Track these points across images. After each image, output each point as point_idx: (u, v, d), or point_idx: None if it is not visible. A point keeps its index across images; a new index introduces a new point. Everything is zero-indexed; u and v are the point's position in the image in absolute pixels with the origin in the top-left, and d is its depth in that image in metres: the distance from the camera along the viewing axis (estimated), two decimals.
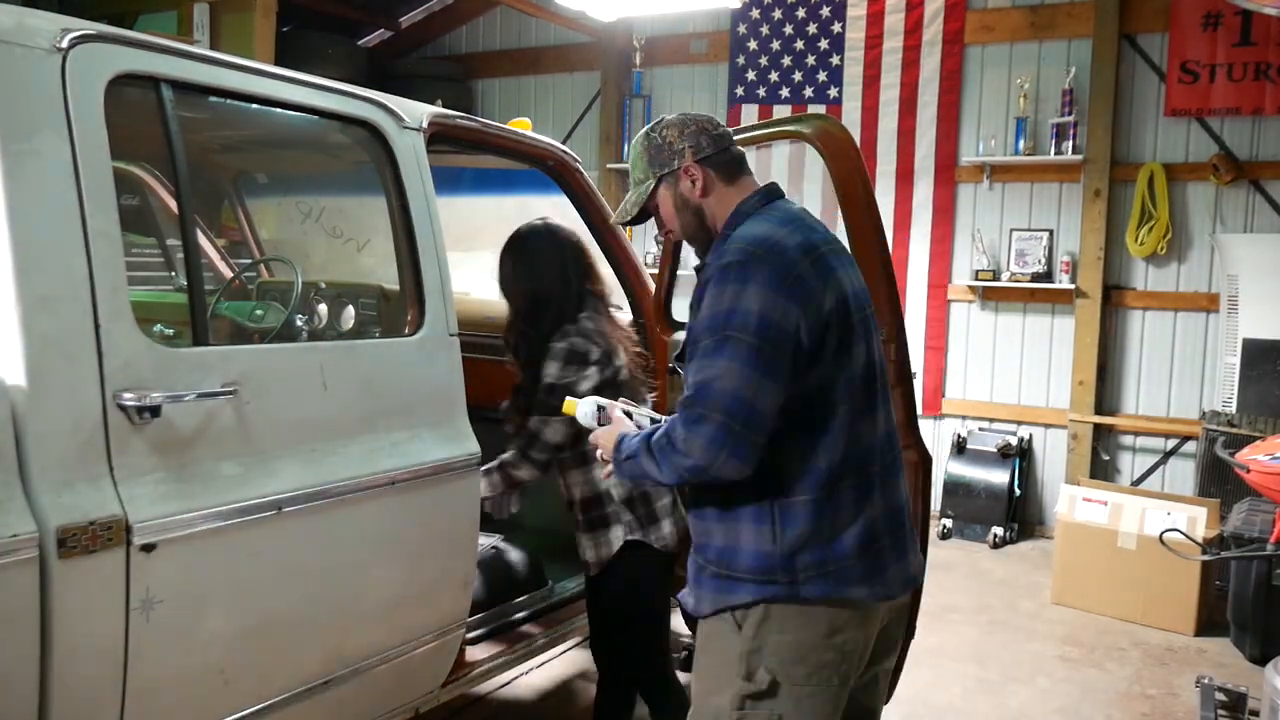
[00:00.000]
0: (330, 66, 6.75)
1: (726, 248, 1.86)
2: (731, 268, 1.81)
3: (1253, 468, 3.53)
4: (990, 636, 4.50)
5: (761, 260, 1.81)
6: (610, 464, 2.02)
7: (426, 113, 2.65)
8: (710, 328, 1.80)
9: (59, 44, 1.79)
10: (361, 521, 2.27)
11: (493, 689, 3.68)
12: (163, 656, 1.88)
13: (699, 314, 1.85)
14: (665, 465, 1.83)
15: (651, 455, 1.86)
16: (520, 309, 2.70)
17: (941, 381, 6.54)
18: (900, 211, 6.51)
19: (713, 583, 1.93)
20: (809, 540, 1.84)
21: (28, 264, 1.71)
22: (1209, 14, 5.63)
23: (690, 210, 2.00)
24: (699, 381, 1.78)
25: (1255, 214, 5.69)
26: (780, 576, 1.85)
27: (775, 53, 6.90)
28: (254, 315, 2.90)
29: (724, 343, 1.77)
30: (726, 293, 1.80)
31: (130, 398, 1.81)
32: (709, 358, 1.78)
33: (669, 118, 2.03)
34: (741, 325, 1.77)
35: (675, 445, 1.80)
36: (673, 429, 1.81)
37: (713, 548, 1.93)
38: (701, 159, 1.97)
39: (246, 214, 3.86)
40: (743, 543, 1.88)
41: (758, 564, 1.86)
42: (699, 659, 2.01)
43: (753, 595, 1.86)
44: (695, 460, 1.78)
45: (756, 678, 1.86)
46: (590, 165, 6.94)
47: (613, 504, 2.62)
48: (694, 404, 1.78)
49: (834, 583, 1.85)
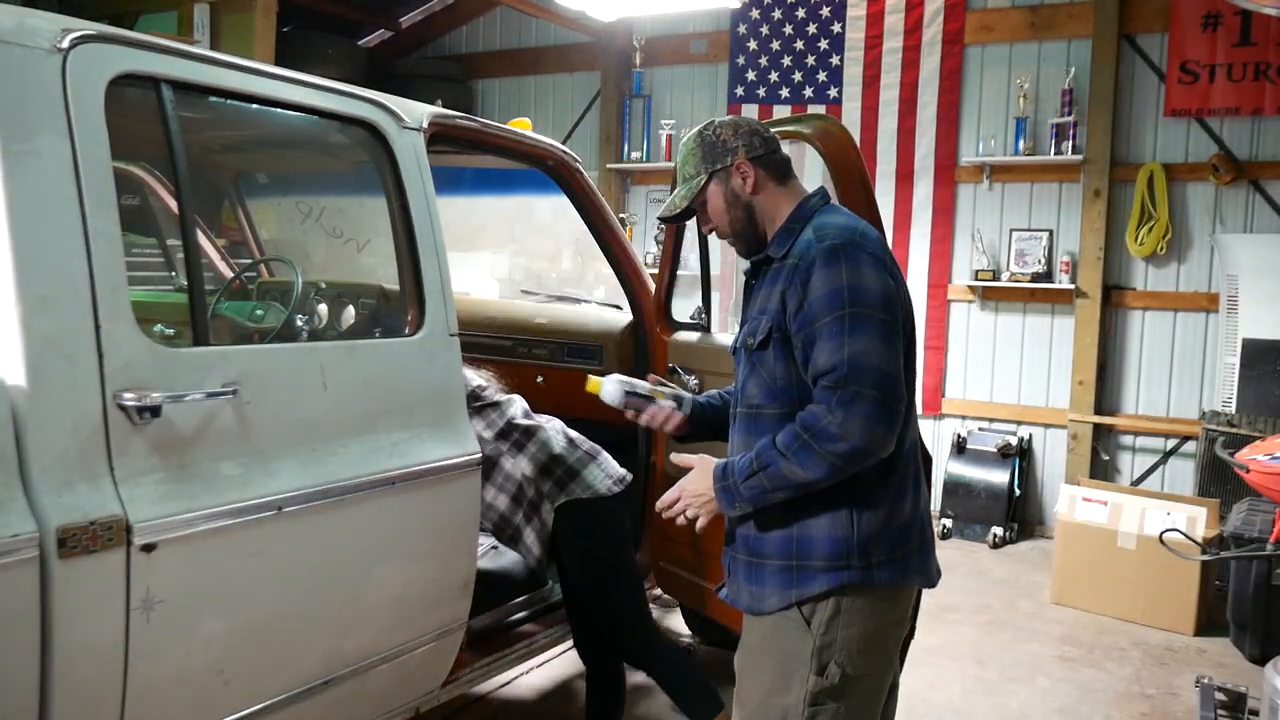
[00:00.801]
0: (330, 66, 6.75)
1: (823, 234, 1.90)
2: (840, 249, 1.86)
3: (1252, 468, 3.53)
4: (990, 636, 4.50)
5: (861, 245, 1.88)
6: (704, 504, 1.97)
7: (426, 113, 2.65)
8: (833, 305, 1.82)
9: (59, 44, 1.79)
10: (361, 521, 2.28)
11: (493, 689, 3.68)
12: (163, 656, 1.88)
13: (805, 294, 1.85)
14: (811, 458, 1.80)
15: (789, 458, 1.82)
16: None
17: (941, 381, 6.54)
18: (900, 211, 6.51)
19: (780, 577, 1.94)
20: (883, 526, 1.91)
21: (28, 264, 1.71)
22: (1209, 14, 5.63)
23: (740, 206, 2.03)
24: (849, 359, 1.78)
25: (1255, 214, 5.69)
26: (856, 561, 1.89)
27: (775, 53, 6.91)
28: (254, 315, 2.90)
29: (858, 319, 1.80)
30: (842, 271, 1.83)
31: (130, 398, 1.81)
32: (844, 336, 1.80)
33: (722, 119, 2.09)
34: (870, 302, 1.82)
35: (827, 432, 1.78)
36: (815, 420, 1.79)
37: (771, 543, 1.94)
38: (754, 158, 2.02)
39: (246, 214, 3.86)
40: (815, 531, 1.90)
41: (833, 550, 1.89)
42: (756, 658, 2.00)
43: (826, 584, 1.89)
44: (853, 442, 1.77)
45: (828, 672, 1.89)
46: (590, 165, 6.94)
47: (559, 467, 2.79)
48: (846, 383, 1.77)
49: (900, 569, 1.94)
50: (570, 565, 2.78)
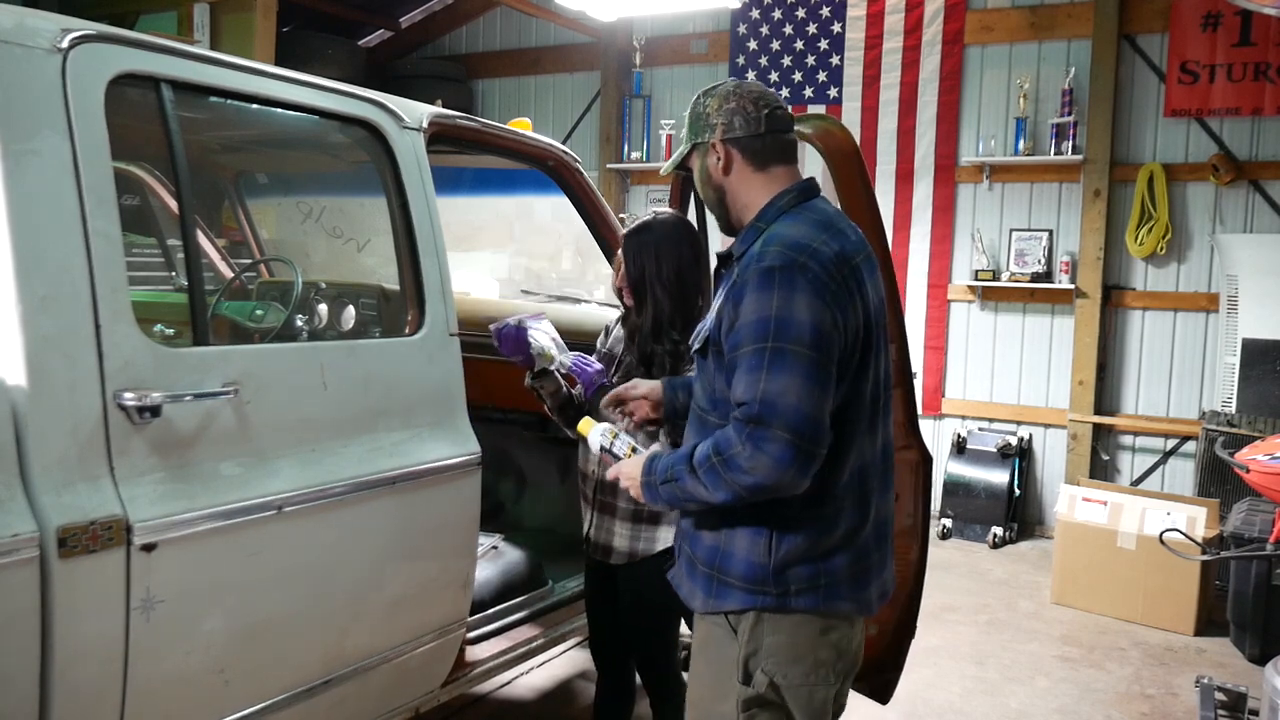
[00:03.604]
0: (330, 66, 6.75)
1: (765, 250, 1.79)
2: (775, 272, 1.74)
3: (1252, 468, 3.54)
4: (990, 636, 4.50)
5: (803, 269, 1.75)
6: (634, 488, 1.96)
7: (426, 113, 2.65)
8: (759, 335, 1.73)
9: (59, 44, 1.79)
10: (361, 521, 2.27)
11: (493, 689, 3.68)
12: (163, 656, 1.88)
13: (736, 316, 1.78)
14: (718, 484, 1.75)
15: (698, 475, 1.78)
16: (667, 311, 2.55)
17: (941, 381, 6.54)
18: (900, 211, 6.51)
19: (704, 582, 1.92)
20: (803, 556, 1.83)
21: (28, 264, 1.71)
22: (1209, 14, 5.63)
23: (711, 186, 1.97)
24: (762, 397, 1.70)
25: (1255, 214, 5.69)
26: (771, 589, 1.83)
27: (775, 53, 6.91)
28: (254, 315, 2.90)
29: (780, 355, 1.71)
30: (773, 298, 1.73)
31: (130, 398, 1.81)
32: (765, 370, 1.71)
33: (722, 86, 1.98)
34: (797, 337, 1.71)
35: (735, 463, 1.72)
36: (728, 446, 1.73)
37: (703, 545, 1.92)
38: (730, 139, 1.92)
39: (246, 214, 3.86)
40: (736, 549, 1.86)
41: (749, 573, 1.84)
42: (696, 662, 2.00)
43: (741, 603, 1.85)
44: (759, 479, 1.71)
45: (755, 680, 1.85)
46: (590, 165, 6.95)
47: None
48: (761, 421, 1.69)
49: (824, 596, 1.85)
50: (627, 591, 2.67)
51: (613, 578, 2.64)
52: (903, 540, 2.71)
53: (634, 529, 2.57)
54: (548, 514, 3.93)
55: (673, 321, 2.51)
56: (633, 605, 2.63)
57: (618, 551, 2.58)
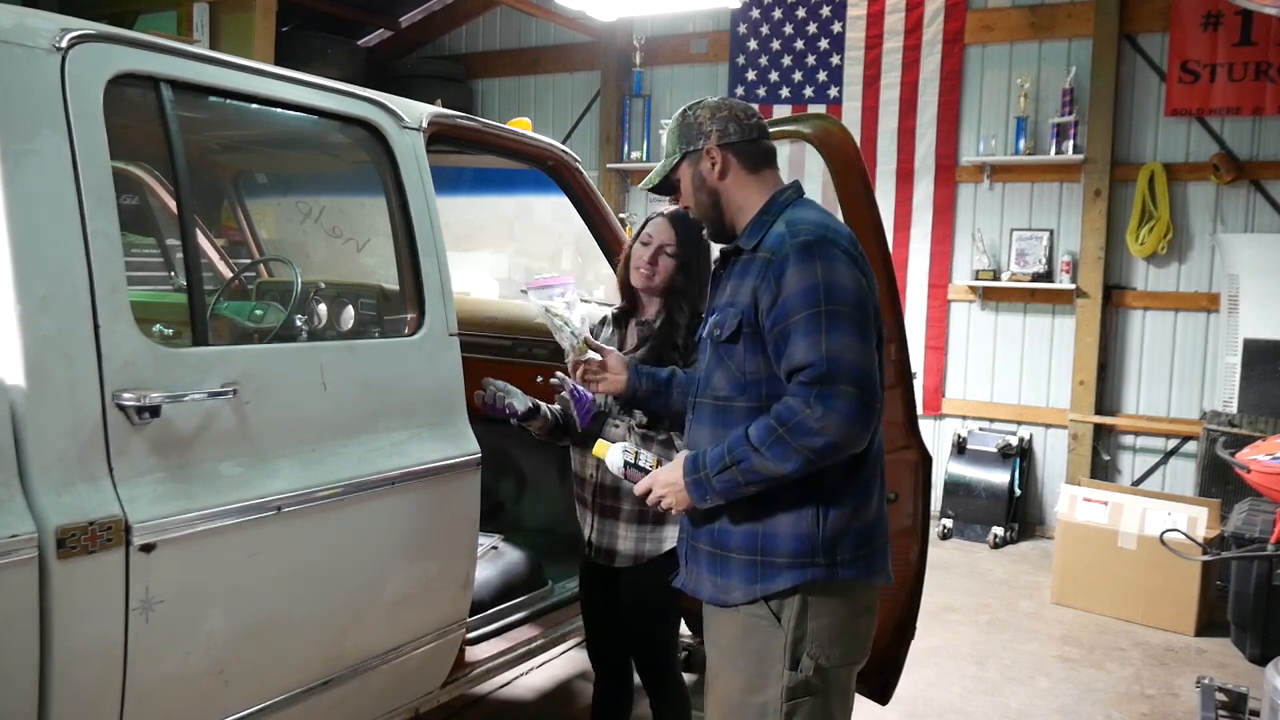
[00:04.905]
0: (330, 66, 6.75)
1: (796, 229, 1.89)
2: (814, 245, 1.86)
3: (1253, 468, 3.53)
4: (990, 636, 4.50)
5: (834, 242, 1.88)
6: (674, 493, 1.96)
7: (426, 113, 2.65)
8: (810, 301, 1.82)
9: (59, 44, 1.79)
10: (361, 521, 2.27)
11: (493, 689, 3.68)
12: (162, 656, 1.88)
13: (778, 291, 1.85)
14: (786, 454, 1.80)
15: (762, 452, 1.82)
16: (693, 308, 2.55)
17: (941, 381, 6.54)
18: (900, 211, 6.51)
19: (745, 571, 1.93)
20: (848, 524, 1.91)
21: (28, 264, 1.71)
22: (1209, 14, 5.63)
23: (705, 191, 2.03)
24: (827, 356, 1.79)
25: (1256, 214, 5.69)
26: (821, 559, 1.89)
27: (775, 53, 6.90)
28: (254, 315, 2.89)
29: (835, 316, 1.81)
30: (817, 268, 1.84)
31: (130, 398, 1.81)
32: (823, 332, 1.80)
33: (709, 100, 2.08)
34: (845, 299, 1.83)
35: (804, 426, 1.78)
36: (792, 414, 1.79)
37: (737, 536, 1.94)
38: (725, 144, 2.00)
39: (246, 214, 3.85)
40: (780, 529, 1.90)
41: (798, 547, 1.89)
42: (726, 657, 2.00)
43: (791, 581, 1.89)
44: (830, 437, 1.78)
45: (802, 665, 1.90)
46: (590, 165, 6.95)
47: None
48: (829, 379, 1.78)
49: (865, 567, 1.94)
50: (629, 593, 2.66)
51: (613, 580, 2.63)
52: (903, 540, 2.71)
53: (639, 531, 2.55)
54: (548, 514, 3.93)
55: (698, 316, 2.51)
56: (635, 607, 2.62)
57: (622, 555, 2.56)
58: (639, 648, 2.69)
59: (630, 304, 2.65)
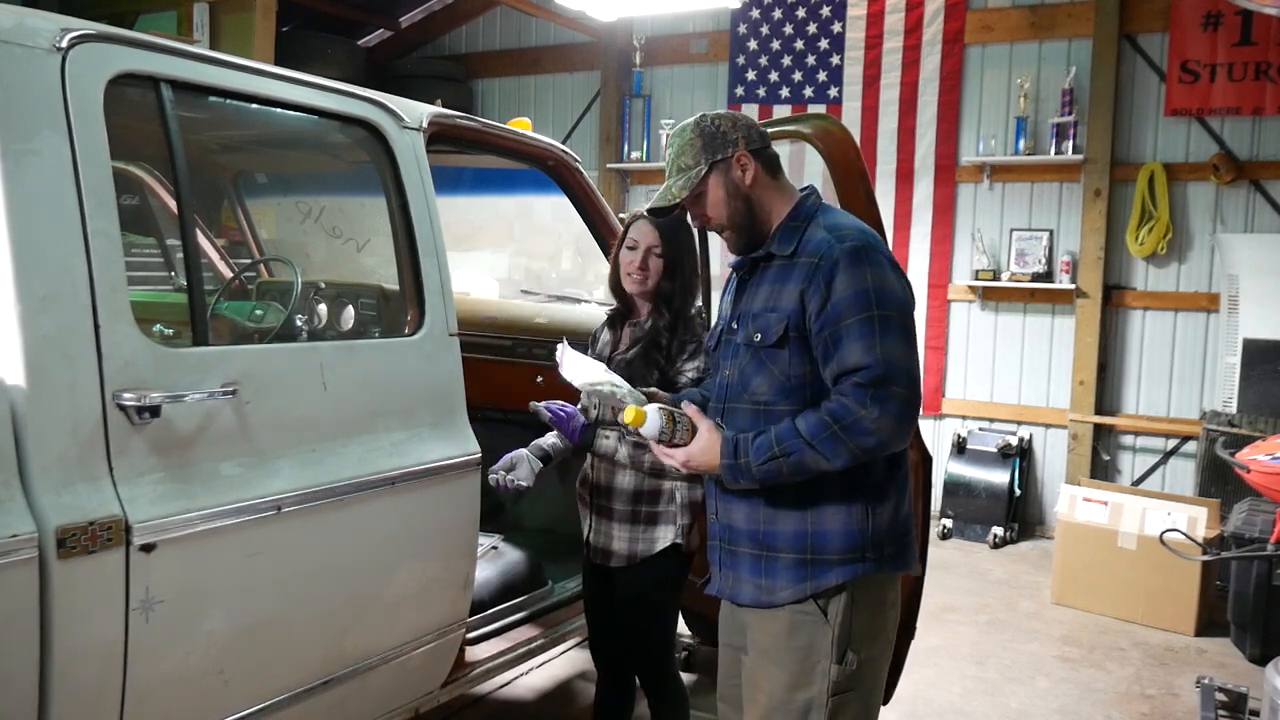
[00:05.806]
0: (330, 66, 6.75)
1: (841, 234, 1.93)
2: (863, 251, 1.90)
3: (1253, 468, 3.53)
4: (990, 636, 4.50)
5: (877, 248, 1.94)
6: (705, 469, 1.97)
7: (426, 113, 2.65)
8: (862, 305, 1.86)
9: (59, 44, 1.79)
10: (361, 521, 2.27)
11: (493, 689, 3.68)
12: (162, 656, 1.88)
13: (828, 295, 1.88)
14: (838, 451, 1.85)
15: (815, 447, 1.85)
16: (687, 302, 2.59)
17: (941, 381, 6.54)
18: (900, 211, 6.51)
19: (793, 570, 1.95)
20: (892, 517, 1.98)
21: (28, 264, 1.71)
22: (1209, 14, 5.63)
23: (740, 198, 2.03)
24: (883, 358, 1.83)
25: (1255, 214, 5.69)
26: (870, 554, 1.95)
27: (775, 53, 6.90)
28: (254, 315, 2.90)
29: (887, 321, 1.86)
30: (866, 273, 1.88)
31: (130, 398, 1.81)
32: (876, 336, 1.85)
33: (717, 111, 2.08)
34: (895, 304, 1.89)
35: (860, 426, 1.83)
36: (847, 414, 1.83)
37: (785, 536, 1.96)
38: (753, 150, 2.03)
39: (246, 214, 3.86)
40: (830, 526, 1.94)
41: (849, 544, 1.94)
42: (772, 656, 1.99)
43: (841, 577, 1.93)
44: (881, 438, 1.83)
45: (848, 660, 1.95)
46: (590, 165, 6.95)
47: (672, 504, 2.55)
48: (885, 381, 1.83)
49: (905, 560, 2.02)
50: (624, 593, 2.64)
51: (611, 579, 2.64)
52: None
53: (632, 530, 2.56)
54: (548, 514, 3.93)
55: (682, 319, 2.55)
56: (631, 606, 2.62)
57: (617, 554, 2.58)
58: (635, 647, 2.69)
59: (625, 306, 2.66)
